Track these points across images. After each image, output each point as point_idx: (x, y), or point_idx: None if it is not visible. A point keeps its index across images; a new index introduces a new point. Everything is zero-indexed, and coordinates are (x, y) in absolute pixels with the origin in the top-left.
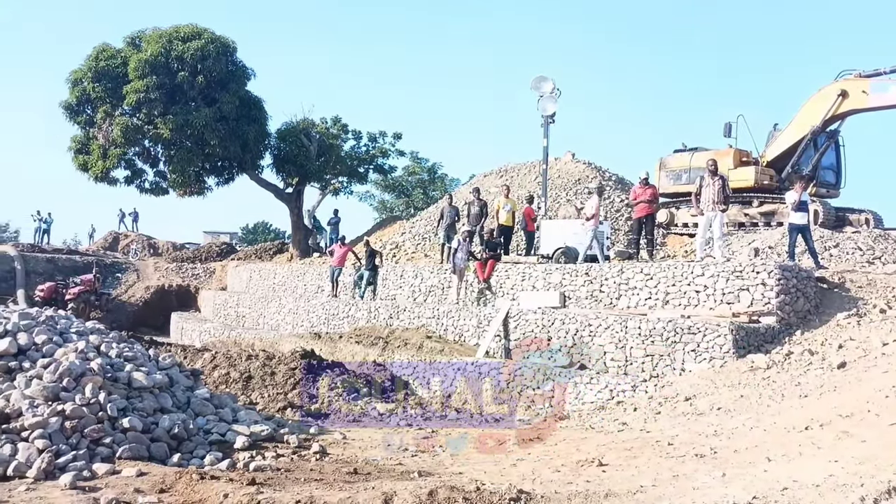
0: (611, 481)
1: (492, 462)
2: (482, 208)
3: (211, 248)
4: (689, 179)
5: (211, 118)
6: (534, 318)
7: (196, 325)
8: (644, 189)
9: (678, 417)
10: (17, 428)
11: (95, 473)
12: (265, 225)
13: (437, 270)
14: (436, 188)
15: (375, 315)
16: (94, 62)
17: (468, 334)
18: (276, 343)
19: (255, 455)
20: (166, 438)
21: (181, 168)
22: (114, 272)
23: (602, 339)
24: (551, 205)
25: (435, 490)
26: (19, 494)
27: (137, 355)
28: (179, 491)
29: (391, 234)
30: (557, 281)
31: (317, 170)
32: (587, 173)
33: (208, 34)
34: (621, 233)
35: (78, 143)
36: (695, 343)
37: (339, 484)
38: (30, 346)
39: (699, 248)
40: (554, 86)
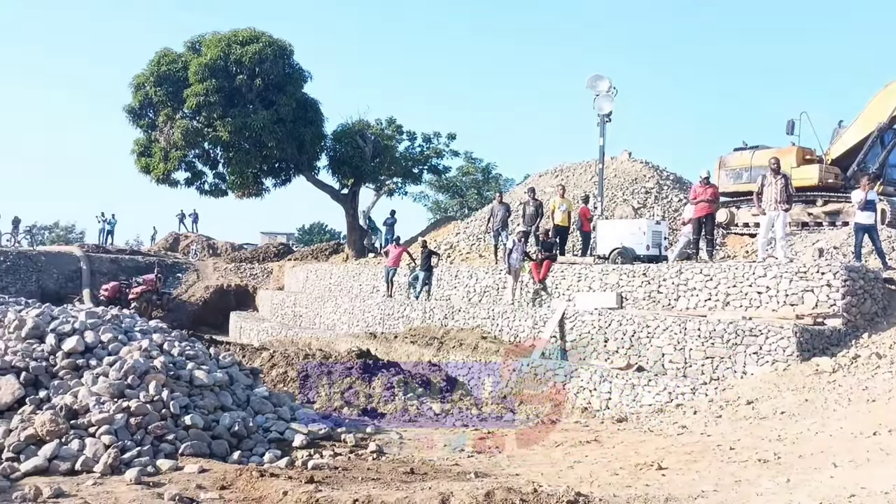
0: (671, 485)
1: (549, 464)
2: (537, 208)
3: (268, 249)
4: (751, 178)
5: (268, 120)
6: (590, 319)
7: (254, 325)
8: (704, 188)
9: (740, 421)
10: (85, 424)
11: (159, 469)
12: (321, 226)
13: (492, 271)
14: (490, 188)
15: (430, 315)
16: (156, 67)
17: (523, 335)
18: (332, 342)
19: (312, 453)
20: (227, 436)
21: (239, 170)
22: (174, 272)
23: (660, 341)
24: (607, 205)
25: (492, 491)
26: (87, 488)
27: (199, 354)
28: (240, 488)
29: (445, 234)
30: (614, 282)
31: (372, 171)
32: (644, 173)
33: (266, 38)
34: (679, 233)
35: (140, 146)
36: (757, 345)
37: (396, 483)
38: (96, 344)
39: (761, 249)
40: (610, 84)
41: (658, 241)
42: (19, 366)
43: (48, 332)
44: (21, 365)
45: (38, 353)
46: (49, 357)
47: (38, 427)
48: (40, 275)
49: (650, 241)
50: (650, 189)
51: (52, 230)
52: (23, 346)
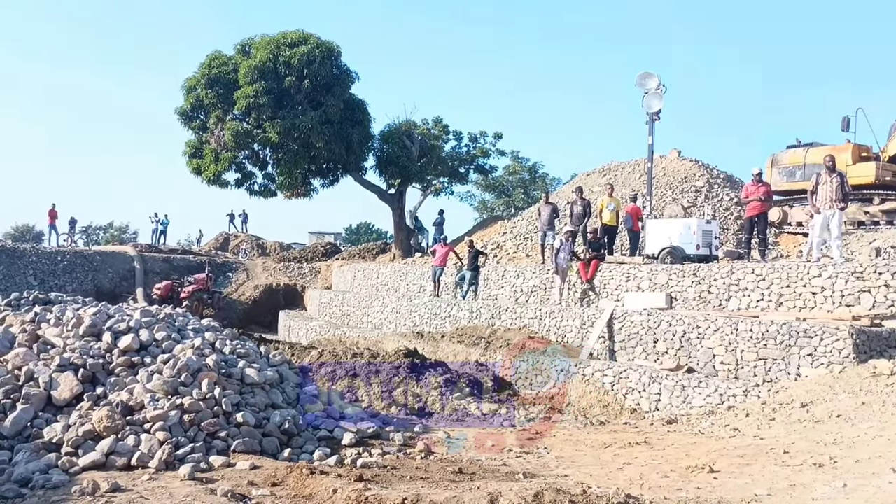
0: (723, 489)
1: (598, 465)
2: (585, 207)
3: (316, 249)
4: (804, 176)
5: (317, 121)
6: (639, 320)
7: (303, 324)
8: (757, 186)
9: (794, 424)
10: (140, 420)
11: (212, 465)
12: (368, 225)
13: (539, 270)
14: (537, 188)
15: (477, 315)
16: (206, 69)
17: (571, 335)
18: (379, 341)
19: (361, 452)
20: (277, 433)
21: (288, 170)
22: (225, 271)
23: (711, 342)
24: (656, 204)
25: (541, 492)
26: (143, 483)
27: (249, 352)
28: (290, 485)
29: (492, 234)
30: (664, 281)
31: (418, 171)
32: (694, 171)
33: (314, 39)
34: (730, 232)
35: (192, 148)
36: (811, 347)
37: (444, 483)
38: (150, 342)
39: (816, 249)
40: (659, 82)
41: (709, 240)
42: (77, 363)
43: (105, 330)
44: (79, 362)
45: (95, 351)
46: (105, 354)
47: (96, 423)
48: (96, 274)
49: (700, 241)
50: (700, 188)
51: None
52: (80, 344)
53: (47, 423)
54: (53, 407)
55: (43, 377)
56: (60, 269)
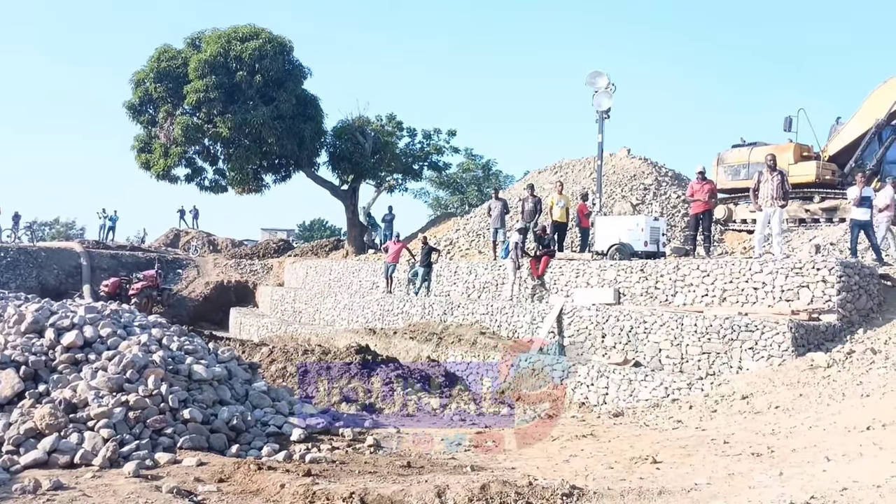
0: (665, 479)
1: (545, 458)
2: (536, 205)
3: (268, 245)
4: (748, 175)
5: (268, 117)
6: (588, 315)
7: (254, 321)
8: (701, 185)
9: (735, 416)
10: (84, 417)
11: (157, 462)
12: (321, 222)
13: (491, 267)
14: (490, 185)
15: (430, 311)
16: (156, 63)
17: (522, 330)
18: (331, 338)
19: (310, 447)
20: (225, 430)
21: (239, 166)
22: (175, 268)
23: (657, 337)
24: (606, 201)
25: (487, 484)
26: (86, 481)
27: (198, 349)
28: (238, 481)
29: (445, 230)
30: (612, 277)
31: (372, 167)
32: (643, 169)
33: (265, 34)
34: (677, 229)
35: (141, 142)
36: (752, 341)
37: (392, 477)
38: (95, 338)
39: (758, 245)
40: (609, 81)
41: (656, 237)
42: (19, 360)
43: (47, 327)
44: (21, 359)
45: (37, 348)
46: (48, 351)
47: (38, 420)
48: (40, 271)
49: (648, 238)
50: (649, 185)
51: (52, 226)
52: (22, 341)
53: None
54: None
55: None
56: (3, 265)
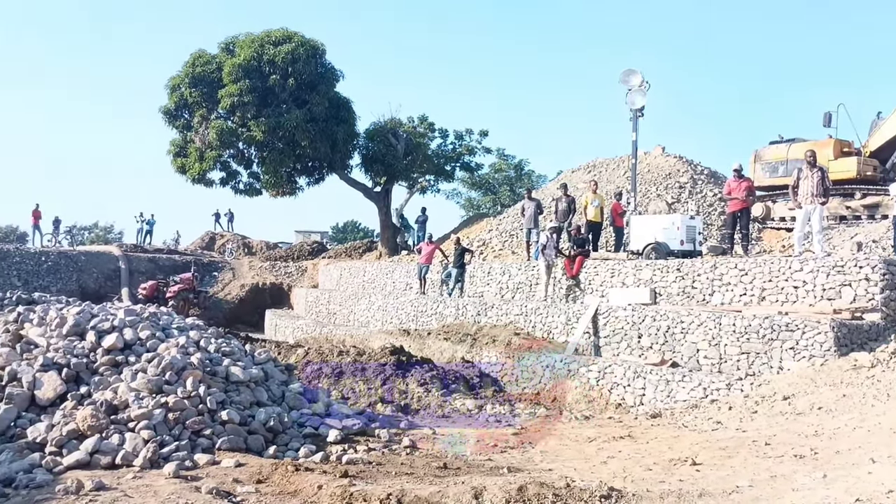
0: (705, 481)
1: (582, 459)
2: (570, 204)
3: (302, 247)
4: (787, 171)
5: (301, 120)
6: (623, 315)
7: (289, 322)
8: (738, 182)
9: (776, 417)
10: (125, 419)
11: (197, 463)
12: (354, 224)
13: (525, 267)
14: (522, 185)
15: (463, 312)
16: (190, 68)
17: (557, 331)
18: (366, 339)
19: (347, 448)
20: (262, 431)
21: (273, 169)
22: (211, 271)
23: (695, 337)
24: (641, 200)
25: (524, 486)
26: (127, 482)
27: (234, 350)
28: (276, 482)
29: (478, 231)
30: (648, 277)
31: (404, 168)
32: (678, 167)
33: (298, 37)
34: (714, 228)
35: (176, 147)
36: (793, 341)
37: (429, 478)
38: (135, 341)
39: (797, 243)
40: (643, 79)
41: (692, 236)
42: (61, 362)
43: (88, 330)
44: (63, 361)
45: (78, 350)
46: (89, 354)
47: (80, 422)
48: (80, 274)
49: (684, 236)
50: (684, 184)
51: (91, 230)
52: (64, 344)
53: (31, 422)
54: (37, 407)
55: (26, 377)
56: (44, 269)
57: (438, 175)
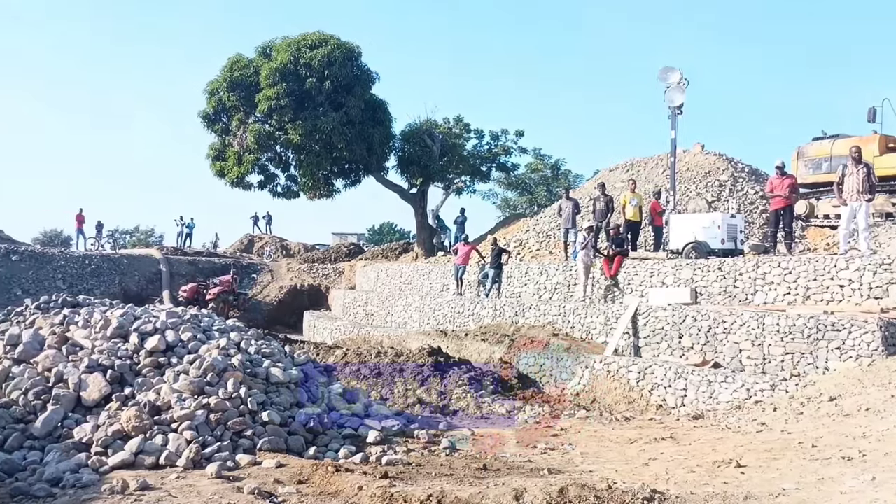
0: (750, 483)
1: (623, 461)
2: (608, 203)
3: (339, 249)
4: (830, 168)
5: (338, 122)
6: (664, 315)
7: (327, 324)
8: (781, 180)
9: (822, 418)
10: (168, 420)
11: (238, 464)
12: (390, 225)
13: (563, 267)
14: (559, 185)
15: (501, 313)
16: (228, 73)
17: (595, 332)
18: (403, 340)
19: (386, 449)
20: (302, 432)
21: (311, 171)
22: (250, 273)
23: (737, 337)
24: (680, 198)
25: (565, 487)
26: (171, 482)
27: (274, 352)
28: (316, 482)
29: (515, 231)
30: (688, 276)
31: (440, 169)
32: (718, 165)
33: (334, 41)
34: (756, 226)
35: (215, 151)
36: (839, 340)
37: (469, 479)
38: (177, 342)
39: (843, 241)
40: (681, 76)
41: (734, 234)
42: (105, 364)
43: (132, 332)
44: (107, 363)
45: (122, 352)
46: (133, 355)
47: (124, 423)
48: (123, 277)
49: (725, 235)
50: (724, 182)
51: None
52: (108, 345)
53: (77, 423)
54: (83, 407)
55: (72, 378)
56: (88, 272)
57: (474, 176)
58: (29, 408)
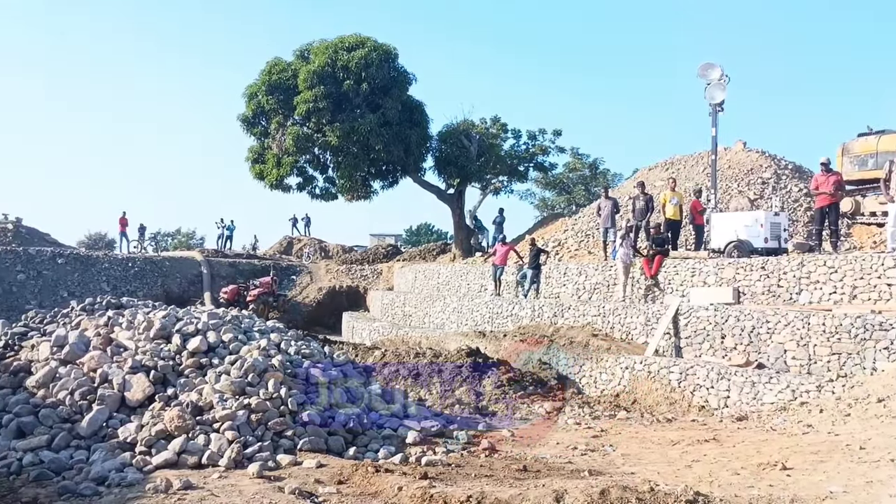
0: (796, 486)
1: (665, 463)
2: (648, 202)
3: (377, 250)
4: (877, 164)
5: (375, 124)
6: (706, 315)
7: (365, 324)
8: (826, 177)
9: (870, 420)
10: (210, 420)
11: (279, 464)
12: (427, 226)
13: (602, 267)
14: (598, 184)
15: (539, 313)
16: (267, 76)
17: (636, 332)
18: (441, 341)
19: (426, 450)
20: (342, 432)
21: (348, 173)
22: (289, 274)
23: (781, 337)
24: (721, 196)
25: (607, 489)
26: (213, 481)
27: (314, 352)
28: (356, 483)
29: (553, 231)
30: (730, 276)
31: (477, 170)
32: (760, 162)
33: (371, 43)
34: (800, 224)
35: (254, 154)
36: (888, 340)
37: (509, 480)
38: (218, 343)
39: (890, 239)
40: (722, 72)
41: (777, 232)
42: (149, 364)
43: (174, 333)
44: (150, 364)
45: (165, 353)
46: (175, 356)
47: (168, 423)
48: (165, 279)
49: (769, 234)
50: (767, 179)
51: (174, 237)
52: (151, 346)
53: (121, 423)
54: (127, 407)
55: (117, 379)
56: (131, 274)
57: (512, 176)
58: (75, 408)
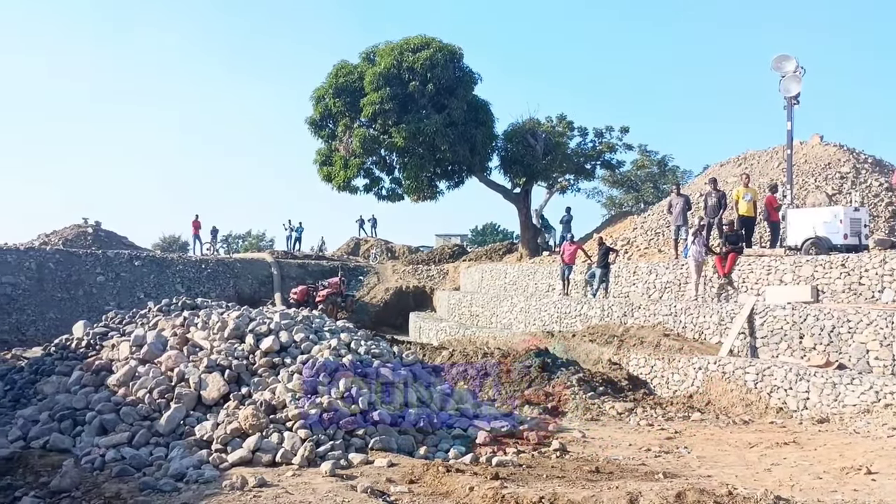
0: (882, 491)
1: (743, 465)
2: (720, 199)
3: (443, 251)
4: None
5: (441, 124)
6: (782, 315)
7: (432, 325)
8: None
9: None
10: (283, 418)
11: (351, 463)
12: (493, 226)
13: (673, 266)
14: (667, 181)
15: (609, 313)
16: (334, 79)
17: (709, 332)
18: (509, 341)
19: (496, 450)
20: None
21: (415, 174)
22: (356, 275)
23: (863, 337)
24: (797, 192)
25: (683, 492)
26: (287, 479)
27: (383, 352)
28: (427, 482)
29: (621, 230)
30: (808, 274)
31: (543, 169)
32: (838, 156)
33: (436, 43)
34: (881, 220)
35: (322, 156)
36: None
37: (581, 482)
38: (290, 343)
39: None
40: (797, 64)
41: (857, 228)
42: (223, 364)
43: (247, 333)
44: (225, 363)
45: (239, 352)
46: (249, 356)
47: (242, 421)
48: (236, 280)
49: (848, 230)
50: (846, 174)
51: (245, 239)
52: (226, 346)
53: (198, 421)
54: (203, 406)
55: (193, 378)
56: (205, 276)
57: (578, 174)
58: (154, 405)
